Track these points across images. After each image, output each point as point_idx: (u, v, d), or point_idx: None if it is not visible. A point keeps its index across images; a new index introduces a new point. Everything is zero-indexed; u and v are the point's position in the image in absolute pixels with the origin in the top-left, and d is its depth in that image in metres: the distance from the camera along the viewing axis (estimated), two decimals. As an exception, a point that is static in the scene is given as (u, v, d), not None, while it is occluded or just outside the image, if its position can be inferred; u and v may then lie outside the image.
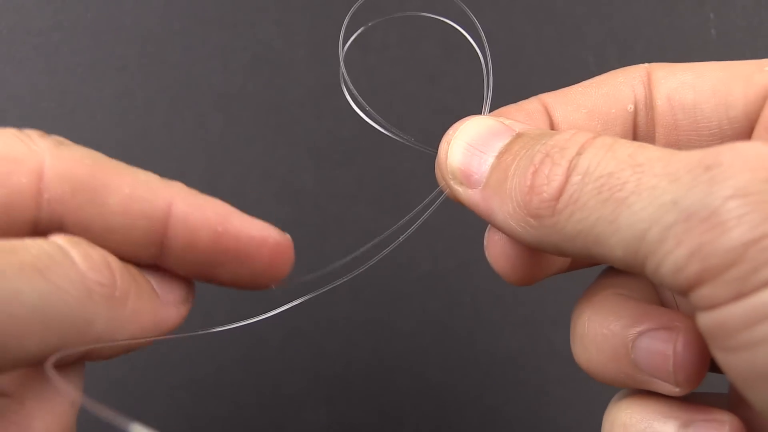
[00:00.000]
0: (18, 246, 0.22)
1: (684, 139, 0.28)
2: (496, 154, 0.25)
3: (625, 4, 0.58)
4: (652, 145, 0.22)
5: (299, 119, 0.56)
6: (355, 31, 0.32)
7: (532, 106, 0.28)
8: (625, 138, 0.28)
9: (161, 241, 0.25)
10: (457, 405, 0.53)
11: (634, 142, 0.22)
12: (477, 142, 0.26)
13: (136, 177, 0.25)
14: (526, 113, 0.28)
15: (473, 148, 0.26)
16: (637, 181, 0.20)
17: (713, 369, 0.24)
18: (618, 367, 0.26)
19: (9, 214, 0.24)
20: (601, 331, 0.26)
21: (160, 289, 0.26)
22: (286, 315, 0.53)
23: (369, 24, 0.32)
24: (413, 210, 0.31)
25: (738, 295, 0.19)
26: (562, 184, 0.22)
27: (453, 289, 0.55)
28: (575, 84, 0.29)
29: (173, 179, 0.26)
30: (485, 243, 0.28)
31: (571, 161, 0.22)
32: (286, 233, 0.28)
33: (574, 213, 0.22)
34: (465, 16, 0.33)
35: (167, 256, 0.26)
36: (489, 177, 0.25)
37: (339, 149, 0.56)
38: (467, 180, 0.26)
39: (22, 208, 0.24)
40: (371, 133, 0.56)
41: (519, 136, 0.25)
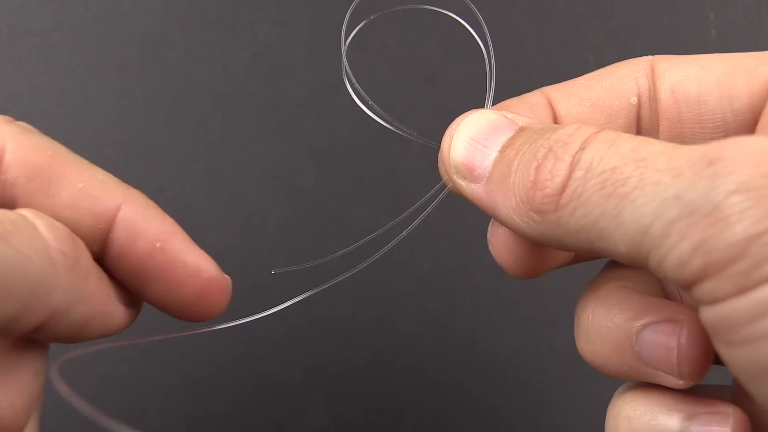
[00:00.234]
0: None
1: (688, 132, 0.28)
2: (499, 148, 0.25)
3: (625, 4, 0.59)
4: (655, 140, 0.22)
5: (299, 119, 0.56)
6: (357, 26, 0.32)
7: (535, 99, 0.28)
8: (629, 131, 0.28)
9: (104, 242, 0.26)
10: (457, 404, 0.53)
11: (637, 136, 0.22)
12: (480, 136, 0.26)
13: (93, 174, 0.25)
14: (529, 106, 0.28)
15: (476, 142, 0.26)
16: (640, 176, 0.20)
17: (717, 362, 0.24)
18: (622, 360, 0.26)
19: None
20: (605, 324, 0.26)
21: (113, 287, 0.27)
22: (286, 314, 0.53)
23: (371, 17, 0.32)
24: (416, 206, 0.31)
25: (741, 290, 0.19)
26: (565, 179, 0.22)
27: (453, 289, 0.55)
28: (578, 77, 0.29)
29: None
30: (488, 236, 0.28)
31: (575, 156, 0.22)
32: (226, 276, 0.27)
33: (577, 208, 0.22)
34: (467, 10, 0.33)
35: (107, 258, 0.26)
36: (492, 171, 0.25)
37: (339, 149, 0.56)
38: (470, 174, 0.26)
39: None
40: (371, 133, 0.56)
41: (522, 130, 0.25)
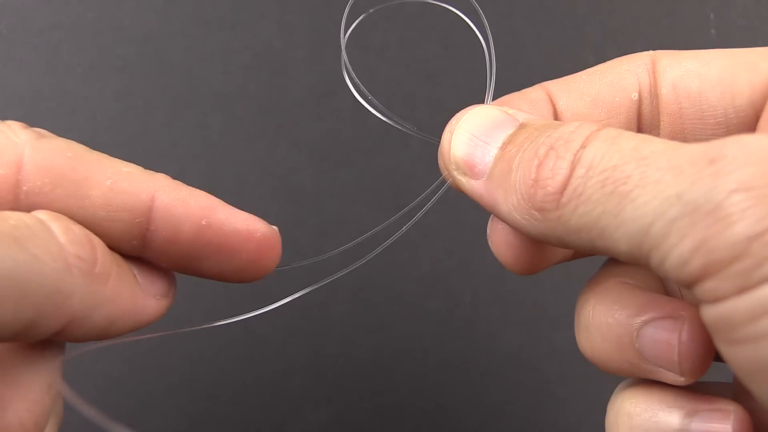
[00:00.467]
0: None
1: (689, 128, 0.28)
2: (499, 145, 0.25)
3: (625, 4, 0.59)
4: (656, 138, 0.22)
5: (299, 119, 0.56)
6: (356, 20, 0.32)
7: (535, 94, 0.28)
8: (629, 126, 0.28)
9: (144, 234, 0.25)
10: (457, 405, 0.53)
11: (638, 134, 0.22)
12: (480, 132, 0.26)
13: (118, 169, 0.25)
14: (529, 101, 0.28)
15: (476, 138, 0.26)
16: (642, 175, 0.20)
17: (717, 359, 0.24)
18: (622, 357, 0.25)
19: None
20: (606, 320, 0.26)
21: (141, 280, 0.26)
22: (286, 314, 0.53)
23: (371, 10, 0.32)
24: (416, 210, 0.31)
25: (742, 289, 0.19)
26: (566, 177, 0.22)
27: (453, 289, 0.55)
28: (579, 72, 0.29)
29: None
30: (488, 232, 0.28)
31: (576, 154, 0.22)
32: (273, 226, 0.27)
33: (578, 207, 0.22)
34: (466, 6, 0.33)
35: (150, 248, 0.25)
36: (493, 168, 0.25)
37: (339, 149, 0.56)
38: (470, 171, 0.26)
39: None
40: (371, 133, 0.56)
41: (523, 126, 0.25)
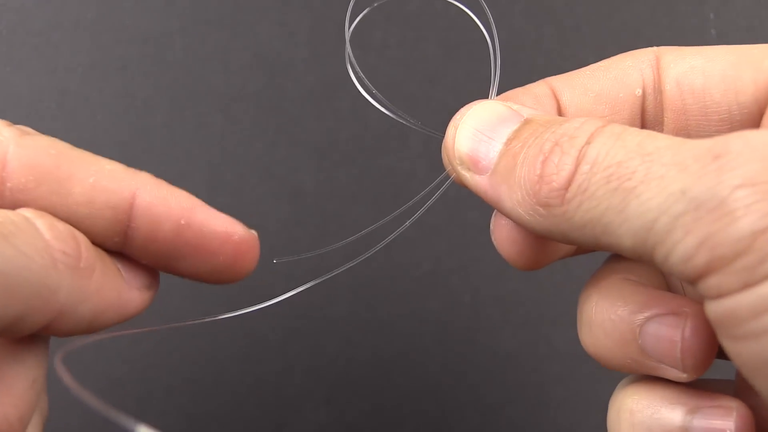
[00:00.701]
0: None
1: (693, 124, 0.28)
2: (504, 140, 0.25)
3: (625, 4, 0.59)
4: (661, 134, 0.22)
5: (299, 119, 0.56)
6: (361, 13, 0.32)
7: (539, 89, 0.28)
8: (633, 122, 0.28)
9: (125, 231, 0.25)
10: (457, 405, 0.53)
11: (643, 130, 0.22)
12: (485, 127, 0.26)
13: (101, 167, 0.25)
14: (533, 97, 0.28)
15: (481, 133, 0.26)
16: (646, 171, 0.20)
17: (720, 355, 0.24)
18: (625, 353, 0.25)
19: None
20: (609, 317, 0.26)
21: (125, 274, 0.26)
22: (286, 314, 0.53)
23: (375, 4, 0.32)
24: (419, 205, 0.31)
25: (746, 285, 0.19)
26: (571, 173, 0.22)
27: (453, 289, 0.55)
28: (583, 67, 0.29)
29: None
30: (491, 228, 0.28)
31: (581, 150, 0.22)
32: (252, 230, 0.27)
33: (582, 203, 0.22)
34: (468, 2, 0.33)
35: (131, 245, 0.26)
36: (497, 164, 0.25)
37: (339, 149, 0.56)
38: (475, 166, 0.26)
39: None
40: (372, 133, 0.56)
41: (527, 122, 0.25)
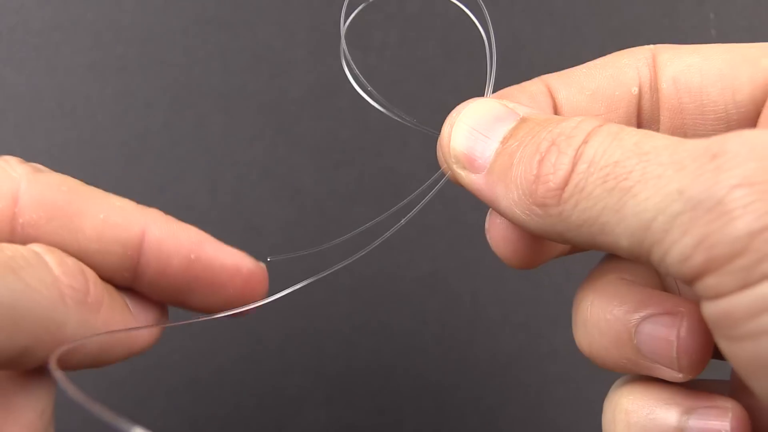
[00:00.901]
0: None
1: (689, 123, 0.27)
2: (500, 139, 0.25)
3: (625, 4, 0.59)
4: (658, 134, 0.22)
5: (299, 119, 0.56)
6: (355, 10, 0.32)
7: (535, 87, 0.28)
8: (629, 121, 0.28)
9: (135, 267, 0.26)
10: (457, 405, 0.53)
11: (640, 130, 0.22)
12: (481, 126, 0.25)
13: (111, 203, 0.26)
14: (529, 95, 0.28)
15: (477, 132, 0.25)
16: (643, 170, 0.20)
17: (715, 356, 0.24)
18: (620, 353, 0.25)
19: None
20: (604, 316, 0.26)
21: (133, 309, 0.27)
22: (286, 314, 0.53)
23: (369, 0, 0.32)
24: (415, 203, 0.31)
25: (743, 285, 0.19)
26: (568, 173, 0.22)
27: (453, 289, 0.55)
28: (579, 65, 0.29)
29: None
30: (486, 226, 0.28)
31: (578, 150, 0.22)
32: (260, 262, 0.28)
33: (579, 202, 0.22)
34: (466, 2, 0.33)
35: (141, 281, 0.26)
36: (493, 163, 0.25)
37: (339, 149, 0.56)
38: (470, 165, 0.25)
39: None
40: (371, 133, 0.56)
41: (524, 121, 0.25)
